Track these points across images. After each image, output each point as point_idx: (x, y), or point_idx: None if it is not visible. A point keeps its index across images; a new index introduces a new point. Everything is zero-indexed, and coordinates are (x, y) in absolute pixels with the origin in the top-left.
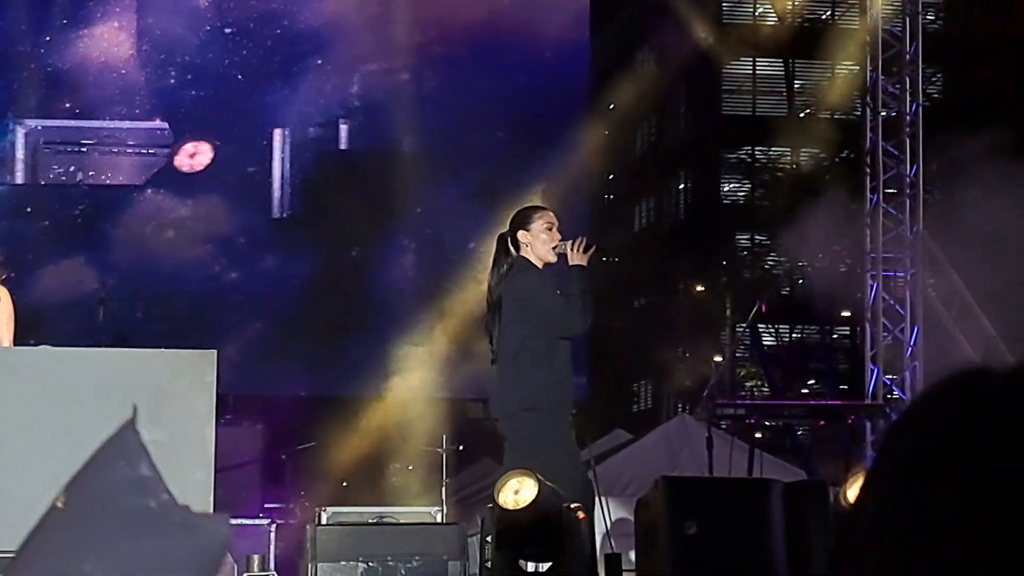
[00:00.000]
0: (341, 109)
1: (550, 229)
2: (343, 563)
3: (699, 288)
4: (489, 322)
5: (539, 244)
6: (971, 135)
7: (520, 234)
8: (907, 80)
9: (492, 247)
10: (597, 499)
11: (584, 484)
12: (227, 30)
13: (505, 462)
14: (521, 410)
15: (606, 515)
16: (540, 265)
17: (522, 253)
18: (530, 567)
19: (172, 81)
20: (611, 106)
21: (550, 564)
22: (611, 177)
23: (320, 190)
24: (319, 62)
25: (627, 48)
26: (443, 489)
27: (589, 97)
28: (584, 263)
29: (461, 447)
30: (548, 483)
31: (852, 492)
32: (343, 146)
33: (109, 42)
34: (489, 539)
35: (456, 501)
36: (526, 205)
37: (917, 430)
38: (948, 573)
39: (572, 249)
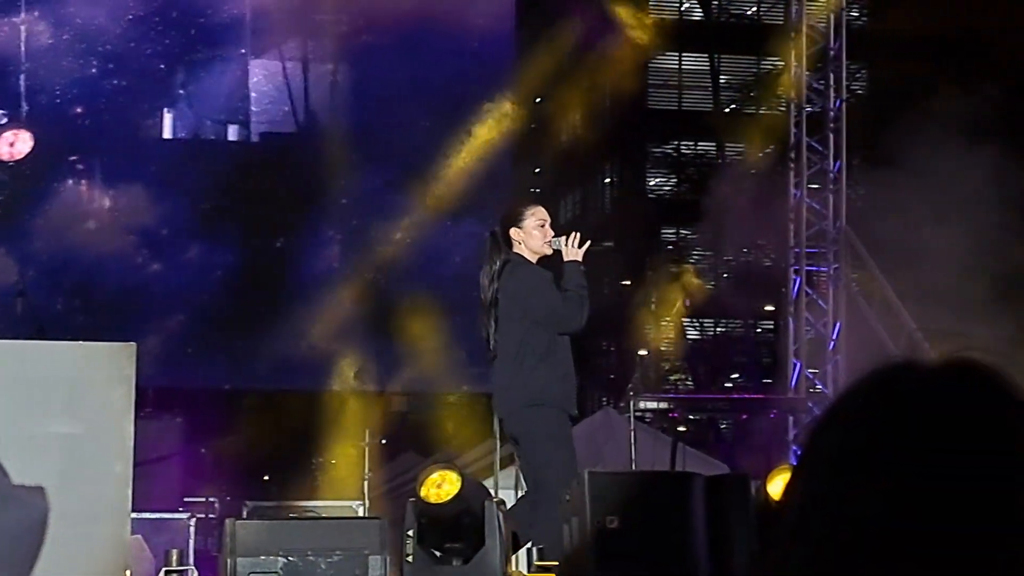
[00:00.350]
0: (267, 98)
1: (543, 225)
2: (262, 558)
3: (624, 282)
4: (485, 321)
5: (533, 240)
6: (893, 130)
7: (513, 231)
8: (831, 76)
9: (419, 237)
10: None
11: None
12: (150, 19)
13: (519, 461)
14: (526, 406)
15: None
16: (535, 261)
17: (515, 250)
18: (451, 561)
19: (94, 71)
20: (537, 99)
21: (471, 558)
22: (537, 171)
23: (244, 180)
24: (242, 51)
25: (553, 40)
26: (365, 483)
27: (515, 89)
28: (579, 258)
29: (384, 440)
30: (471, 477)
31: (773, 486)
32: (269, 134)
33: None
34: (411, 533)
35: (380, 495)
36: (517, 202)
37: (842, 426)
38: (873, 569)
39: (567, 245)
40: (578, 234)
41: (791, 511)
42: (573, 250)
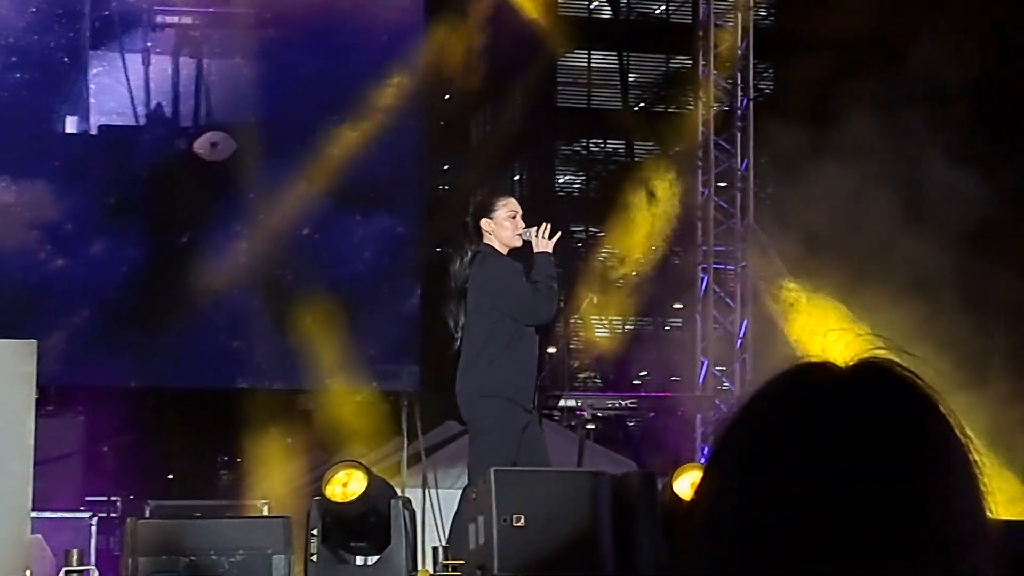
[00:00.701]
0: (172, 92)
1: (514, 217)
2: (164, 557)
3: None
4: (453, 308)
5: (503, 231)
6: (800, 130)
7: (483, 222)
8: (739, 76)
9: (327, 232)
10: (426, 491)
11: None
12: (53, 11)
13: (469, 449)
14: (481, 396)
15: (435, 507)
16: (504, 252)
17: (486, 241)
18: (356, 560)
19: None
20: (447, 96)
21: (377, 557)
22: (446, 168)
23: (149, 175)
24: (149, 44)
25: (462, 36)
26: (269, 482)
27: (423, 85)
28: (549, 250)
29: (289, 440)
30: (378, 475)
31: (680, 484)
32: (174, 129)
33: None
34: (315, 532)
35: (285, 494)
36: (487, 193)
37: (752, 427)
38: (781, 572)
39: (537, 236)
40: (548, 225)
41: (701, 512)
42: (543, 241)
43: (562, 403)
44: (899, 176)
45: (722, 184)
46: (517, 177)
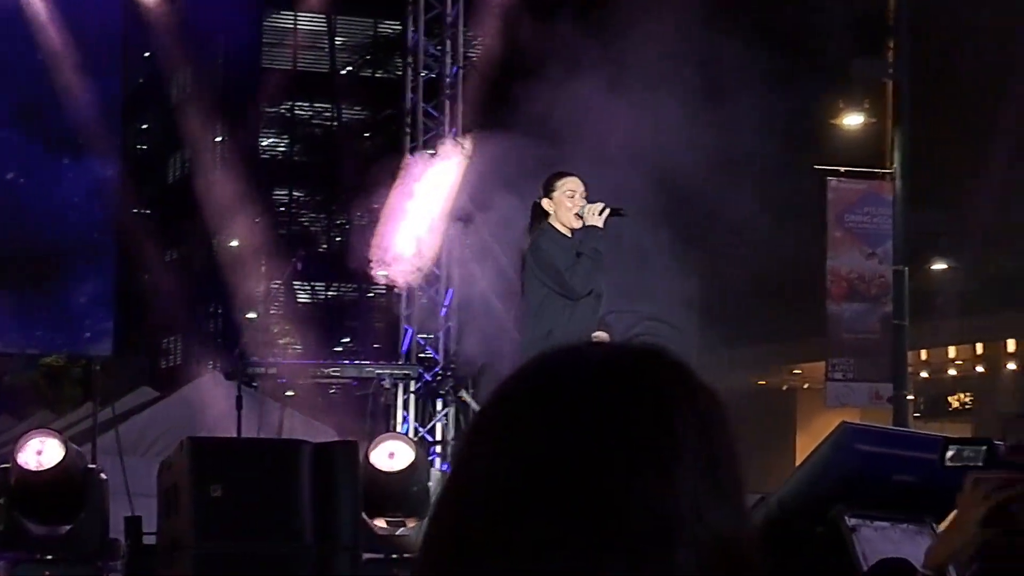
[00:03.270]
0: None
1: (572, 196)
2: None
3: (233, 243)
4: (517, 279)
5: (562, 211)
6: (510, 99)
7: (544, 201)
8: (448, 43)
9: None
10: (120, 459)
11: None
12: None
13: None
14: (541, 337)
15: (126, 476)
16: (566, 231)
17: (549, 220)
18: (45, 530)
19: None
20: (146, 54)
21: (68, 526)
22: (144, 127)
23: None
24: None
25: None
26: None
27: (121, 44)
28: (600, 224)
29: None
30: (72, 444)
31: (376, 454)
32: None
33: None
34: (1, 501)
35: None
36: (552, 172)
37: (505, 410)
38: (526, 555)
39: (589, 212)
40: (604, 204)
41: (452, 494)
42: (594, 216)
43: (261, 370)
44: (626, 135)
45: (431, 151)
46: (219, 139)
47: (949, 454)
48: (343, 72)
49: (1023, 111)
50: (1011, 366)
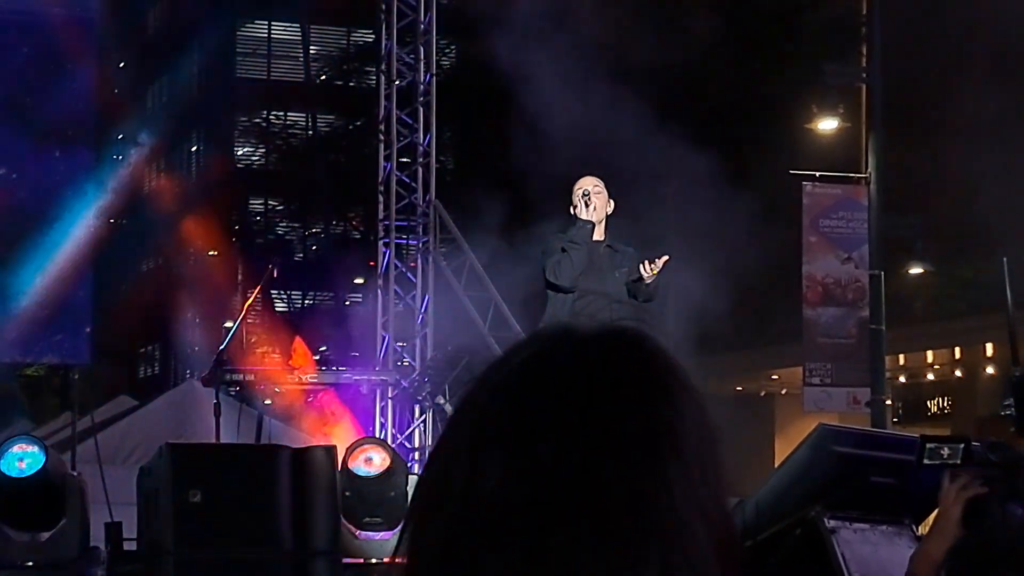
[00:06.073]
0: None
1: (580, 195)
2: None
3: (211, 252)
4: None
5: (578, 211)
6: (482, 106)
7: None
8: (421, 50)
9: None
10: (99, 467)
11: None
12: None
13: None
14: None
15: (106, 484)
16: (587, 227)
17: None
18: (26, 536)
19: None
20: (121, 64)
21: (48, 533)
22: (120, 137)
23: None
24: None
25: (138, 4)
26: None
27: (97, 54)
28: (647, 277)
29: None
30: (53, 451)
31: (354, 460)
32: None
33: None
34: None
35: None
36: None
37: (487, 393)
38: (508, 541)
39: (646, 268)
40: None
41: (429, 484)
42: (649, 274)
43: (239, 377)
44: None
45: (404, 159)
46: (194, 148)
47: (927, 452)
48: (318, 81)
49: (999, 114)
50: (989, 370)
